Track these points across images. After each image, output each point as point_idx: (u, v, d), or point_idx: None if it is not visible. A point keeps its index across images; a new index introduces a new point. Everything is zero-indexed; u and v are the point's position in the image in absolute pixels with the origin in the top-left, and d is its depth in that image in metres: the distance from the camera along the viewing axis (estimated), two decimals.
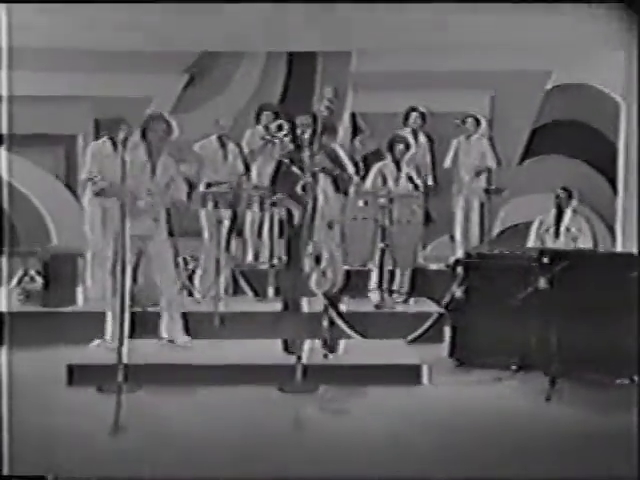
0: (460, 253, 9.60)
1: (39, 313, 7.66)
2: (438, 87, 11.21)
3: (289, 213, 6.56)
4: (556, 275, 6.36)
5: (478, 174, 9.66)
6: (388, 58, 11.00)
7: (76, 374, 6.20)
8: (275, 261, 8.42)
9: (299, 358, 6.15)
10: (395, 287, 8.22)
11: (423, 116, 9.91)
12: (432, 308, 8.00)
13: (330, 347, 6.51)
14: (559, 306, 6.33)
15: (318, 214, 6.35)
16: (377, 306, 7.91)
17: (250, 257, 8.71)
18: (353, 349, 6.69)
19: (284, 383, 6.13)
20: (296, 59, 11.35)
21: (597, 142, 11.45)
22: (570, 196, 7.72)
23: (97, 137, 11.18)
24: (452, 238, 10.23)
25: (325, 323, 6.49)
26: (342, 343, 6.66)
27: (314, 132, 6.52)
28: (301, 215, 6.31)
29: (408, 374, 6.30)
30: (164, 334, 6.96)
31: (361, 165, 10.25)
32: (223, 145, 8.43)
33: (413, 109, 9.88)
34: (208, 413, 5.77)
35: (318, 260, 6.39)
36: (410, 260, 8.27)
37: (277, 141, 8.84)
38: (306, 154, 6.39)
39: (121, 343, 5.85)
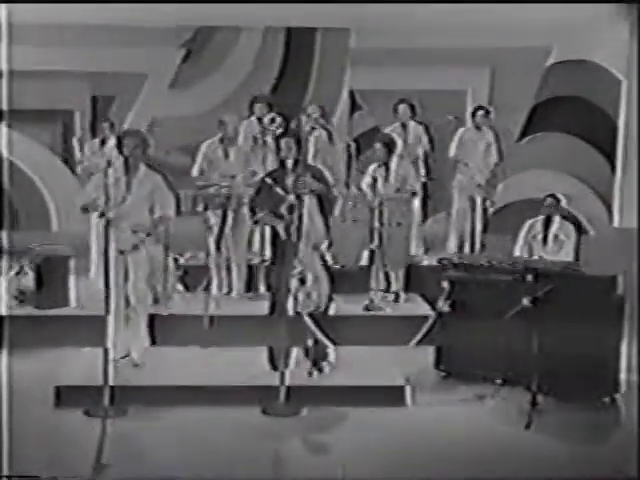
0: (453, 246, 9.68)
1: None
2: (438, 64, 11.13)
3: (273, 230, 6.58)
4: (539, 296, 6.42)
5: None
6: (387, 35, 10.86)
7: (64, 395, 6.31)
8: (266, 256, 8.50)
9: (282, 378, 6.24)
10: (386, 287, 8.27)
11: (412, 107, 9.76)
12: (421, 310, 8.04)
13: (318, 367, 6.61)
14: (542, 323, 6.39)
15: (303, 235, 6.36)
16: (367, 308, 7.97)
17: None
18: (339, 367, 6.75)
19: (268, 404, 6.23)
20: (295, 34, 11.22)
21: (597, 119, 11.31)
22: (558, 203, 7.68)
23: (94, 114, 11.29)
24: (449, 214, 10.21)
25: (310, 343, 6.58)
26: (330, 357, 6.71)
27: (299, 152, 6.50)
28: (285, 234, 6.33)
29: (392, 395, 6.40)
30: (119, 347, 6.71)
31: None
32: (225, 145, 8.38)
33: (400, 101, 9.73)
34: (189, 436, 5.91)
35: (303, 281, 6.44)
36: (401, 261, 8.31)
37: (269, 134, 8.84)
38: (290, 177, 6.38)
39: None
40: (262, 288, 8.44)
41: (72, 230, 10.70)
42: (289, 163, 6.46)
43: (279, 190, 6.37)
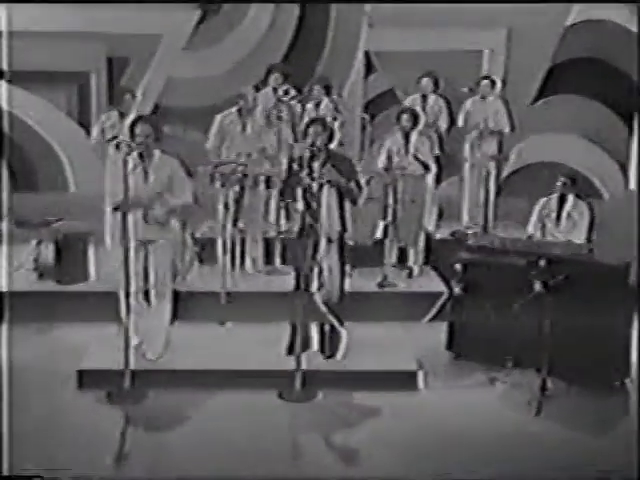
0: (466, 220, 9.73)
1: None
2: (454, 24, 11.03)
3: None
4: (552, 282, 6.50)
5: (484, 136, 9.51)
6: None
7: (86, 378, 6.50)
8: (283, 228, 8.59)
9: (298, 365, 6.39)
10: (399, 262, 8.37)
11: (436, 80, 9.71)
12: (434, 286, 8.15)
13: (330, 352, 6.74)
14: (554, 307, 6.48)
15: (320, 225, 6.41)
16: (380, 285, 8.07)
17: None
18: (351, 349, 6.87)
19: (284, 389, 6.40)
20: None
21: (615, 81, 11.26)
22: (574, 182, 7.69)
23: (110, 76, 11.28)
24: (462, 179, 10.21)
25: (326, 329, 6.70)
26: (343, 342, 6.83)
27: (325, 138, 6.46)
28: (308, 221, 6.35)
29: (404, 379, 6.56)
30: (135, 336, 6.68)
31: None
32: (243, 118, 8.38)
33: (424, 74, 9.67)
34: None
35: (320, 271, 6.52)
36: (415, 237, 8.38)
37: (284, 106, 8.85)
38: (316, 163, 6.39)
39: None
40: (278, 261, 8.54)
41: (90, 192, 10.86)
42: (314, 150, 6.43)
43: (303, 175, 6.36)
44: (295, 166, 6.55)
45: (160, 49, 11.14)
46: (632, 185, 11.42)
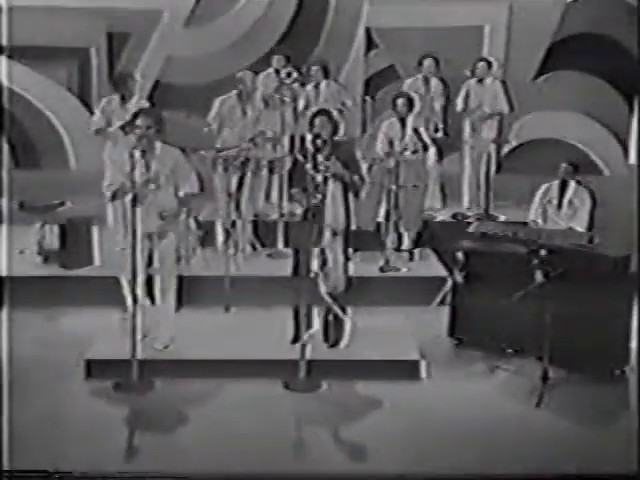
0: (466, 202, 9.75)
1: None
2: (456, 0, 11.00)
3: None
4: (553, 273, 6.58)
5: (483, 119, 9.49)
6: None
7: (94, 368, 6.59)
8: (284, 211, 8.64)
9: (303, 354, 6.47)
10: (398, 245, 8.45)
11: (437, 62, 9.69)
12: (435, 269, 8.23)
13: (334, 340, 6.83)
14: (554, 296, 6.56)
15: (325, 218, 6.46)
16: (382, 269, 8.15)
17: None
18: (354, 337, 6.97)
19: (289, 379, 6.50)
20: None
21: (617, 57, 11.23)
22: (575, 169, 7.74)
23: (110, 52, 11.24)
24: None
25: (330, 318, 6.78)
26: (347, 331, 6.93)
27: (331, 131, 6.49)
28: (310, 214, 6.39)
29: (408, 369, 6.66)
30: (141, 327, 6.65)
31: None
32: (242, 102, 8.39)
33: (426, 56, 9.65)
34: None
35: (324, 262, 6.58)
36: (415, 223, 8.45)
37: (287, 88, 8.85)
38: (320, 155, 6.43)
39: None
40: (280, 245, 8.61)
41: (91, 168, 10.88)
42: (319, 142, 6.46)
43: (308, 168, 6.40)
44: (300, 157, 6.58)
45: (160, 25, 11.10)
46: (632, 161, 11.45)
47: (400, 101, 8.34)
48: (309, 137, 6.55)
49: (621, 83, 11.35)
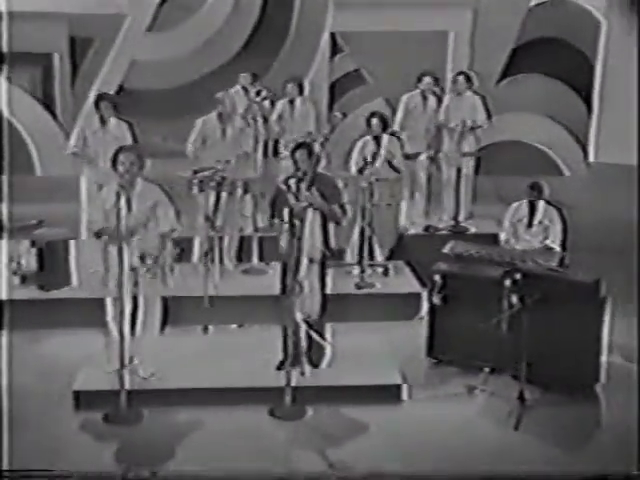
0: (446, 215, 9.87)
1: None
2: (420, 5, 11.12)
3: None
4: (528, 298, 6.80)
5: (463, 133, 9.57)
6: None
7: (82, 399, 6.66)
8: (259, 225, 8.73)
9: (288, 381, 6.60)
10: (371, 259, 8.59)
11: (436, 80, 9.74)
12: (409, 284, 8.41)
13: (313, 364, 6.97)
14: (529, 319, 6.78)
15: (303, 247, 6.58)
16: (358, 286, 8.30)
17: None
18: (336, 363, 7.12)
19: (274, 405, 6.63)
20: None
21: (575, 61, 11.53)
22: (541, 190, 7.91)
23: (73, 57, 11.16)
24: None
25: (305, 344, 6.91)
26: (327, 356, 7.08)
27: (311, 164, 6.60)
28: (288, 244, 6.51)
29: (390, 392, 6.83)
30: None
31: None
32: (223, 123, 8.45)
33: (426, 73, 9.65)
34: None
35: (301, 287, 6.69)
36: (389, 240, 8.61)
37: (258, 109, 8.93)
38: (302, 186, 6.54)
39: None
40: (255, 260, 8.70)
41: (56, 174, 10.87)
42: (300, 173, 6.59)
43: (290, 197, 6.53)
44: (283, 187, 6.70)
45: (123, 30, 11.05)
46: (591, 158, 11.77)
47: (374, 120, 8.46)
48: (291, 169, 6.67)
49: (579, 86, 11.62)
